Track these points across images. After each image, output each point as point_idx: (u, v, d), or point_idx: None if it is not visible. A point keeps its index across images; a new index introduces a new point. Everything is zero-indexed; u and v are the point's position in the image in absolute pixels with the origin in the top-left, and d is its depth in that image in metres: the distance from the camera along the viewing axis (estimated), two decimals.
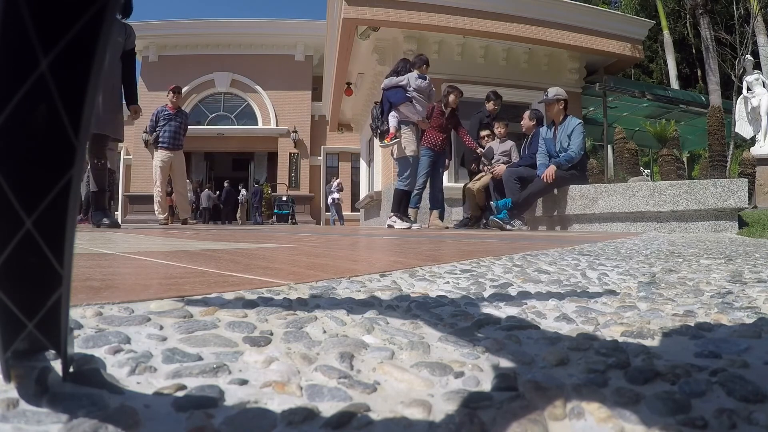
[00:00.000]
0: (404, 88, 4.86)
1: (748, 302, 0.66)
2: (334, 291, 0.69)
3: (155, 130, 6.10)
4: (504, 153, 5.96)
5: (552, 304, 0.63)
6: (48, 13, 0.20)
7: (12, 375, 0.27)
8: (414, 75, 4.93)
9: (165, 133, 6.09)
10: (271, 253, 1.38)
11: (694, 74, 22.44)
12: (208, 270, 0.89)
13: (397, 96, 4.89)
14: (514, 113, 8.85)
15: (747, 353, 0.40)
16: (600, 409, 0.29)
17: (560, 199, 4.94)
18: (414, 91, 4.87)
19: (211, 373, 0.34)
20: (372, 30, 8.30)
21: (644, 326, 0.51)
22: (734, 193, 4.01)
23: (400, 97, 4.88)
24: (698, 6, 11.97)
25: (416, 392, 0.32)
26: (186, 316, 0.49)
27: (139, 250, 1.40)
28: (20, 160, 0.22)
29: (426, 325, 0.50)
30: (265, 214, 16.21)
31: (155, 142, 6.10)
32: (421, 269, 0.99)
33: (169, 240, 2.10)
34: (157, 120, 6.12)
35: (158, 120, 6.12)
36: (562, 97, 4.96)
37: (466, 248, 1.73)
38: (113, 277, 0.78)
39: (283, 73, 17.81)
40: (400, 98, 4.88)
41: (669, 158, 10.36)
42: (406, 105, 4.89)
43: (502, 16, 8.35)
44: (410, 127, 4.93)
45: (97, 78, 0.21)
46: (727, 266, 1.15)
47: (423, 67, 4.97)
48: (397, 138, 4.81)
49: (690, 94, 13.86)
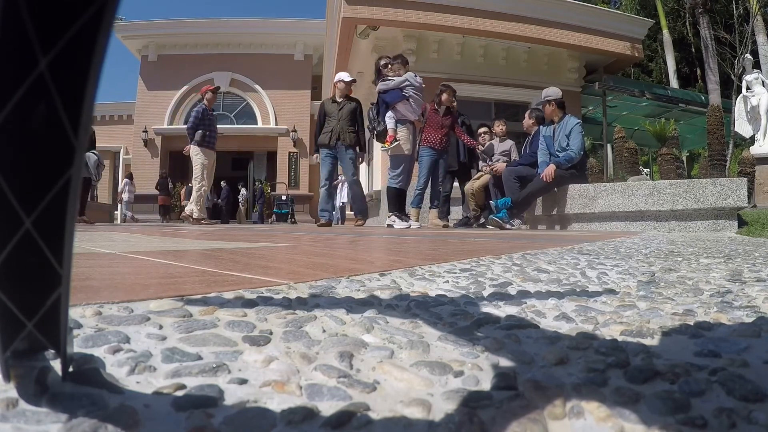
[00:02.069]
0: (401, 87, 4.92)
1: (748, 301, 0.66)
2: (334, 290, 0.69)
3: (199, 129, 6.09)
4: (504, 152, 5.97)
5: (551, 303, 0.63)
6: (47, 12, 0.20)
7: (12, 375, 0.27)
8: (412, 74, 5.00)
9: (213, 132, 6.16)
10: (270, 253, 1.38)
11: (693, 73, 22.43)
12: (207, 269, 0.89)
13: (392, 95, 4.94)
14: (513, 112, 8.88)
15: (746, 352, 0.40)
16: (599, 409, 0.29)
17: (560, 199, 4.94)
18: (412, 90, 4.93)
19: (211, 373, 0.34)
20: (371, 29, 8.31)
21: (644, 325, 0.51)
22: (733, 193, 4.01)
23: (396, 96, 4.94)
24: (698, 5, 11.96)
25: (416, 391, 0.32)
26: (185, 316, 0.49)
27: (138, 249, 1.40)
28: (19, 159, 0.22)
29: (425, 324, 0.50)
30: (264, 213, 16.22)
31: (201, 140, 6.10)
32: (420, 268, 0.99)
33: (168, 239, 2.10)
34: (202, 119, 6.12)
35: (203, 119, 6.12)
36: (552, 98, 4.96)
37: (466, 247, 1.73)
38: (113, 276, 0.78)
39: (282, 73, 17.79)
40: (395, 97, 4.93)
41: (668, 157, 10.37)
42: (403, 103, 4.94)
43: (502, 16, 8.36)
44: (407, 126, 4.98)
45: (96, 77, 0.21)
46: (727, 265, 1.15)
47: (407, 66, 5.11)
48: (397, 140, 4.88)
49: (689, 94, 13.87)
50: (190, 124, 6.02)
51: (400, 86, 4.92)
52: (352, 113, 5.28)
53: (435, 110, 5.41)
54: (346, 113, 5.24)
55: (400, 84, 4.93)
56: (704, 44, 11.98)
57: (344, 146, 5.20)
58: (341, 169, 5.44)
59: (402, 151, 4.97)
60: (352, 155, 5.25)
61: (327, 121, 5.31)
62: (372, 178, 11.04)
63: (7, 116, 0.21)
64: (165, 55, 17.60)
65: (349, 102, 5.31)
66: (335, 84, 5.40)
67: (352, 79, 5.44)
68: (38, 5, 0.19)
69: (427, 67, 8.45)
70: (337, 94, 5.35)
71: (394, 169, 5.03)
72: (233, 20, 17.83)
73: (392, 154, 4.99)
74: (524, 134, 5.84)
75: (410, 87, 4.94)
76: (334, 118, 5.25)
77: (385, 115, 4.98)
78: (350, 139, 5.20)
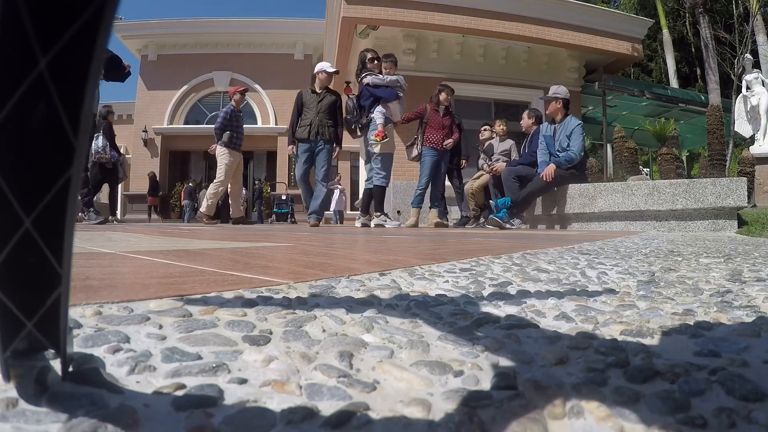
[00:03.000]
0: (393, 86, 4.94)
1: (748, 301, 0.66)
2: (334, 290, 0.69)
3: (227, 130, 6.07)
4: (504, 152, 5.97)
5: (551, 302, 0.63)
6: (47, 11, 0.20)
7: (11, 374, 0.27)
8: (401, 76, 5.04)
9: (240, 133, 6.16)
10: (270, 252, 1.38)
11: (693, 73, 22.44)
12: (207, 269, 0.89)
13: (387, 92, 4.92)
14: (513, 112, 8.87)
15: (746, 352, 0.40)
16: (599, 408, 0.29)
17: (559, 198, 4.94)
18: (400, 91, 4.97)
19: (211, 372, 0.34)
20: (371, 29, 8.30)
21: (643, 325, 0.51)
22: (733, 192, 4.01)
23: (391, 94, 4.93)
24: (698, 5, 11.96)
25: (416, 391, 0.32)
26: (185, 315, 0.49)
27: (138, 249, 1.40)
28: (19, 159, 0.22)
29: (425, 323, 0.50)
30: (264, 213, 16.20)
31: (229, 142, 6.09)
32: (420, 268, 0.99)
33: (168, 239, 2.10)
34: (230, 119, 6.11)
35: (231, 120, 6.11)
36: (561, 96, 4.95)
37: (466, 247, 1.73)
38: (112, 276, 0.78)
39: (282, 72, 17.78)
40: (390, 95, 4.92)
41: (668, 157, 10.37)
42: (396, 103, 4.95)
43: (502, 15, 8.36)
44: (390, 126, 4.99)
45: (96, 77, 0.21)
46: (727, 265, 1.15)
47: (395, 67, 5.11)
48: (386, 137, 4.84)
49: (689, 93, 13.87)
50: (218, 125, 6.02)
51: (392, 85, 4.93)
52: (332, 106, 5.08)
53: (435, 110, 5.42)
54: (325, 106, 5.03)
55: (392, 83, 4.94)
56: (704, 44, 11.98)
57: (323, 141, 5.00)
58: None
59: (390, 149, 4.97)
60: (329, 150, 5.08)
61: (305, 113, 5.07)
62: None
63: (7, 116, 0.21)
64: (165, 55, 17.59)
65: (329, 94, 5.10)
66: (317, 74, 5.17)
67: (335, 70, 5.26)
68: (38, 4, 0.19)
69: (426, 66, 8.45)
70: (318, 84, 5.12)
71: (384, 169, 4.95)
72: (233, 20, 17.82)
73: (382, 152, 4.92)
74: (524, 134, 5.84)
75: (399, 88, 4.98)
76: (313, 109, 5.02)
77: (369, 109, 4.93)
78: (329, 133, 5.01)
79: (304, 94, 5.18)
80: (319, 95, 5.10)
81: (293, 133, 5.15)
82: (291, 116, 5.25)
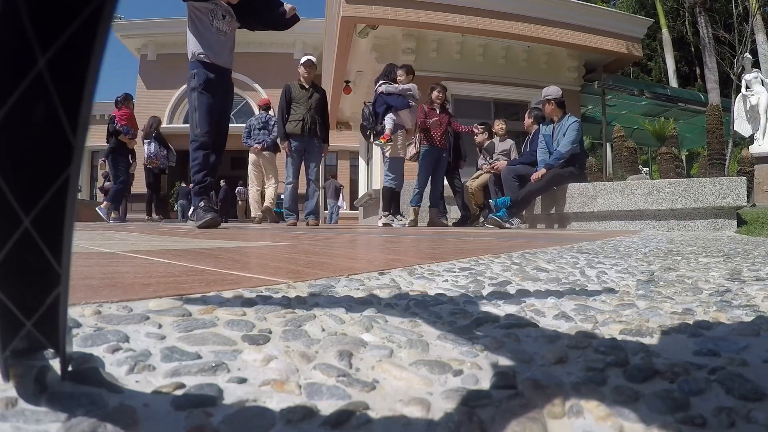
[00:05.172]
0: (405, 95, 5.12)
1: (747, 300, 0.66)
2: (333, 289, 0.69)
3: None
4: (504, 152, 5.97)
5: (551, 302, 0.63)
6: (46, 11, 0.20)
7: (11, 374, 0.27)
8: (414, 86, 5.22)
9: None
10: (269, 252, 1.38)
11: (692, 72, 22.45)
12: (206, 268, 0.89)
13: (399, 101, 5.12)
14: (513, 112, 8.88)
15: (746, 351, 0.40)
16: (599, 408, 0.29)
17: (559, 198, 4.94)
18: (413, 100, 5.17)
19: (210, 372, 0.34)
20: (371, 28, 8.30)
21: (643, 324, 0.51)
22: (733, 192, 4.02)
23: (402, 103, 5.11)
24: (697, 4, 11.96)
25: (415, 390, 0.32)
26: (185, 315, 0.49)
27: (137, 248, 1.40)
28: (18, 158, 0.22)
29: (425, 323, 0.50)
30: None
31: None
32: (419, 267, 0.99)
33: (168, 239, 2.09)
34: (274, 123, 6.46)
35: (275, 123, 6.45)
36: (552, 97, 4.97)
37: (465, 246, 1.73)
38: (112, 275, 0.78)
39: (281, 72, 17.76)
40: (402, 103, 5.11)
41: (668, 156, 10.37)
42: (407, 111, 5.13)
43: (501, 15, 8.36)
44: (402, 132, 5.17)
45: (95, 76, 0.21)
46: (726, 264, 1.15)
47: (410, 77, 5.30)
48: (392, 141, 5.04)
49: (689, 93, 13.87)
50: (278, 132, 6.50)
51: (404, 94, 5.11)
52: (322, 103, 5.05)
53: (432, 109, 5.47)
54: (315, 102, 4.98)
55: (403, 91, 5.11)
56: (703, 43, 11.98)
57: (314, 138, 4.98)
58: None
59: (399, 154, 5.20)
60: (320, 149, 5.09)
61: (294, 107, 4.97)
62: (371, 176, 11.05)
63: (6, 115, 0.21)
64: (164, 54, 17.58)
65: (316, 91, 5.06)
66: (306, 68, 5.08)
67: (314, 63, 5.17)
68: (37, 4, 0.19)
69: (426, 66, 8.44)
70: (305, 80, 5.04)
71: (392, 172, 5.24)
72: None
73: (392, 156, 5.16)
74: (524, 133, 5.85)
75: (411, 97, 5.17)
76: (303, 105, 4.94)
77: (383, 116, 5.13)
78: (320, 130, 4.99)
79: (292, 88, 5.06)
80: (308, 91, 5.03)
81: (284, 129, 5.04)
82: (278, 111, 5.13)
